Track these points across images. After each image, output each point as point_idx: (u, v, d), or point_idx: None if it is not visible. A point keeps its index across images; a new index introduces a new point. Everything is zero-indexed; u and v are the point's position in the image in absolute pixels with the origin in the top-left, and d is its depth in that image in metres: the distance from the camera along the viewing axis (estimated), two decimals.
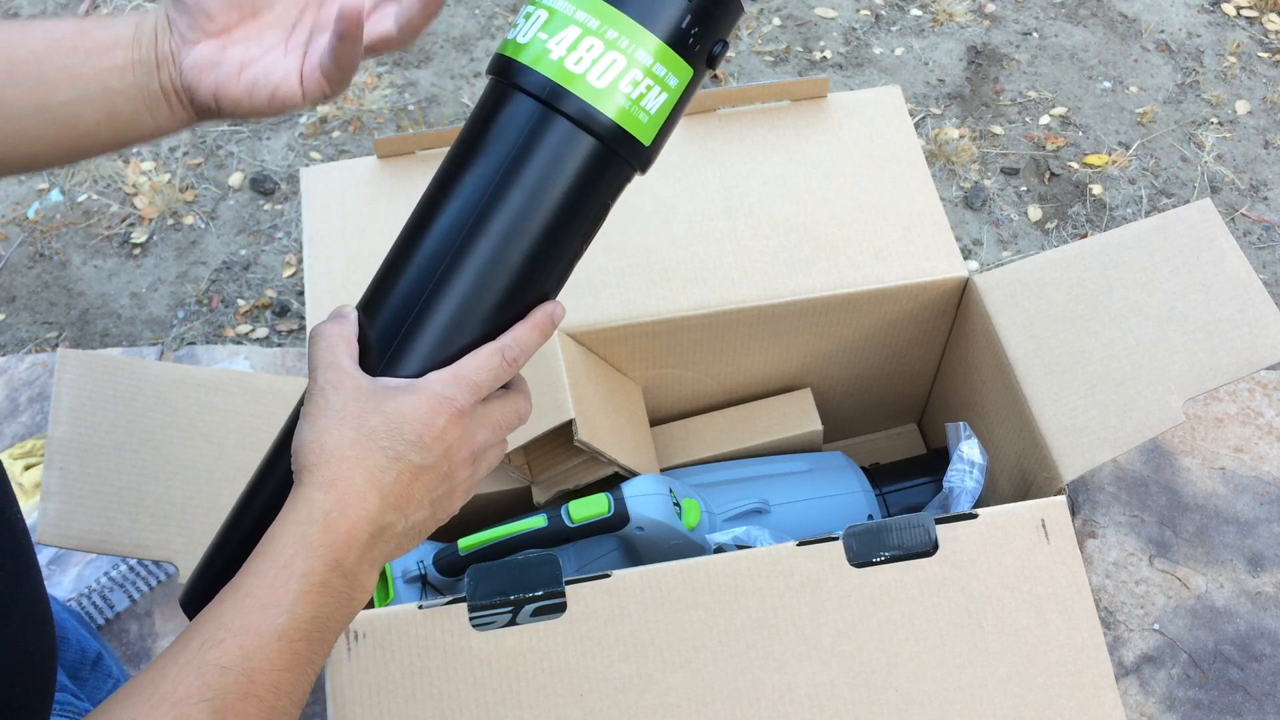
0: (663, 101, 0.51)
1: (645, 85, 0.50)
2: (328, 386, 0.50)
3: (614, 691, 0.66)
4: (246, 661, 0.44)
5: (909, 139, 0.98)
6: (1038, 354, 0.85)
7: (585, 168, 0.51)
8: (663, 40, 0.50)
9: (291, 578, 0.46)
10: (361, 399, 0.49)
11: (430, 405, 0.49)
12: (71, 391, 0.80)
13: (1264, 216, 1.68)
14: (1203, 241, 0.88)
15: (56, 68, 0.55)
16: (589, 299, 0.88)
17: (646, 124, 0.51)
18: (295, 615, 0.45)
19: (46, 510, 0.76)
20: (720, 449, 0.98)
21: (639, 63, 0.50)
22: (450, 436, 0.50)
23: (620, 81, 0.50)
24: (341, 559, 0.47)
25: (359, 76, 1.86)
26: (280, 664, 0.45)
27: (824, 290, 0.90)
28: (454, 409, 0.50)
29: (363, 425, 0.48)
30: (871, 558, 0.70)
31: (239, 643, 0.44)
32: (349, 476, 0.48)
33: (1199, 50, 1.91)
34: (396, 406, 0.49)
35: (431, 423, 0.49)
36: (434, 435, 0.49)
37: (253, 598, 0.45)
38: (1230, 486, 1.21)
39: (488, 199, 0.51)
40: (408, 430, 0.49)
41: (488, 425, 0.52)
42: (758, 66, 1.88)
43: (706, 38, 0.52)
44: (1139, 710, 1.08)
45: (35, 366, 1.36)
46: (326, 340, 0.52)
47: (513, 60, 0.51)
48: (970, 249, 1.64)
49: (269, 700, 0.44)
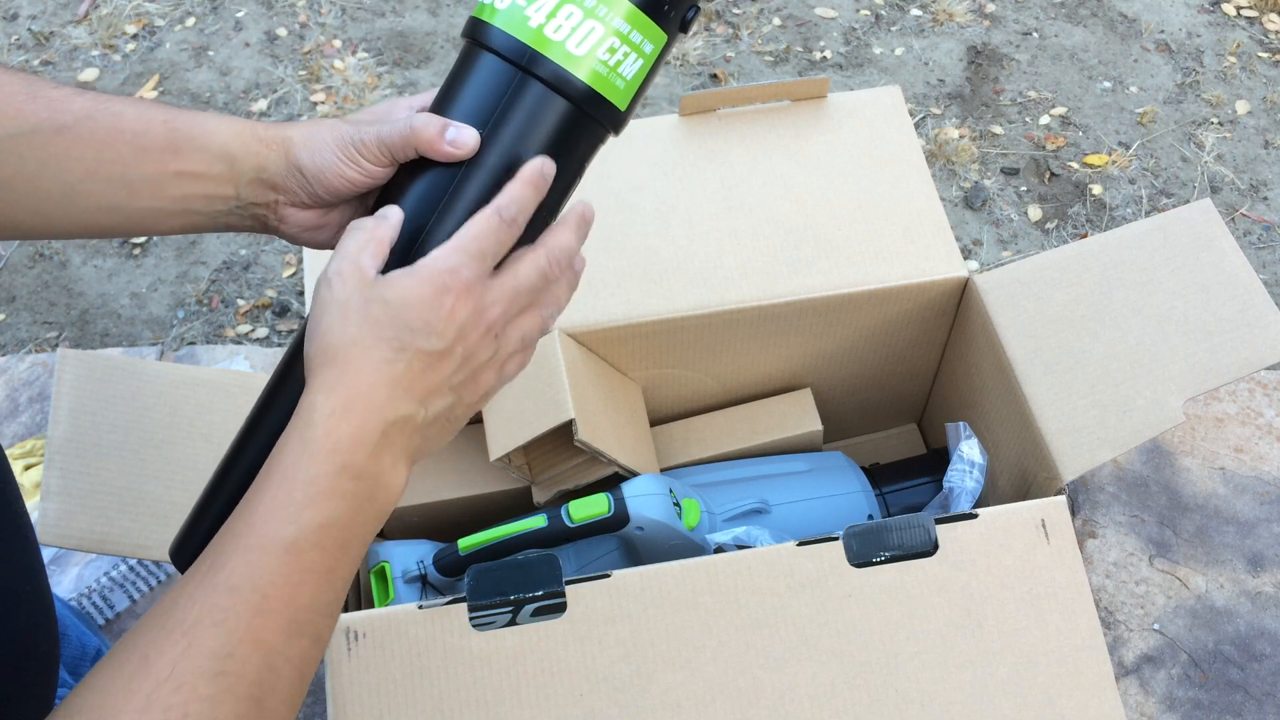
0: (638, 67, 0.52)
1: (623, 52, 0.51)
2: (335, 276, 0.48)
3: (614, 691, 0.66)
4: (255, 578, 0.42)
5: (909, 139, 0.98)
6: (1038, 354, 0.85)
7: (564, 132, 0.52)
8: (639, 7, 0.51)
9: (295, 487, 0.44)
10: (365, 289, 0.47)
11: (433, 285, 0.47)
12: (71, 391, 0.80)
13: (1264, 216, 1.68)
14: (1203, 241, 0.88)
15: (141, 176, 0.54)
16: (589, 299, 0.88)
17: (623, 89, 0.52)
18: (302, 524, 0.43)
19: (46, 510, 0.76)
20: (720, 449, 0.98)
21: (616, 30, 0.51)
22: (460, 315, 0.47)
23: (598, 49, 0.51)
24: (350, 461, 0.45)
25: (359, 76, 1.86)
26: (294, 576, 0.43)
27: (824, 290, 0.90)
28: (459, 284, 0.47)
29: (366, 317, 0.46)
30: (871, 558, 0.70)
31: (246, 560, 0.43)
32: (353, 375, 0.46)
33: (1199, 50, 1.91)
34: (398, 292, 0.47)
35: (437, 304, 0.47)
36: (442, 317, 0.47)
37: (257, 513, 0.44)
38: (1230, 486, 1.21)
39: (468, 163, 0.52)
40: (412, 316, 0.46)
41: (503, 297, 0.49)
42: (758, 66, 1.88)
43: (680, 2, 0.53)
44: (1139, 710, 1.08)
45: (35, 366, 1.35)
46: (357, 233, 0.49)
47: (490, 25, 0.51)
48: (970, 249, 1.64)
49: (287, 614, 0.43)
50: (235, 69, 1.87)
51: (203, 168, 0.54)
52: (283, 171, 0.55)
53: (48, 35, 1.92)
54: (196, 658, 0.40)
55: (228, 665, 0.41)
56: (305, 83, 1.85)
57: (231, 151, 0.55)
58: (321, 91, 1.83)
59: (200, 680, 0.40)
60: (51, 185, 0.53)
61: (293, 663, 0.43)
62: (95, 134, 0.53)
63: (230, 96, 1.83)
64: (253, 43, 1.91)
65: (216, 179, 0.55)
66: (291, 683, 0.43)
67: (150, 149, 0.54)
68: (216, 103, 1.81)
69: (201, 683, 0.40)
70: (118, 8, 1.95)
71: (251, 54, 1.89)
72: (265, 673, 0.42)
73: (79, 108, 0.53)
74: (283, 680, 0.43)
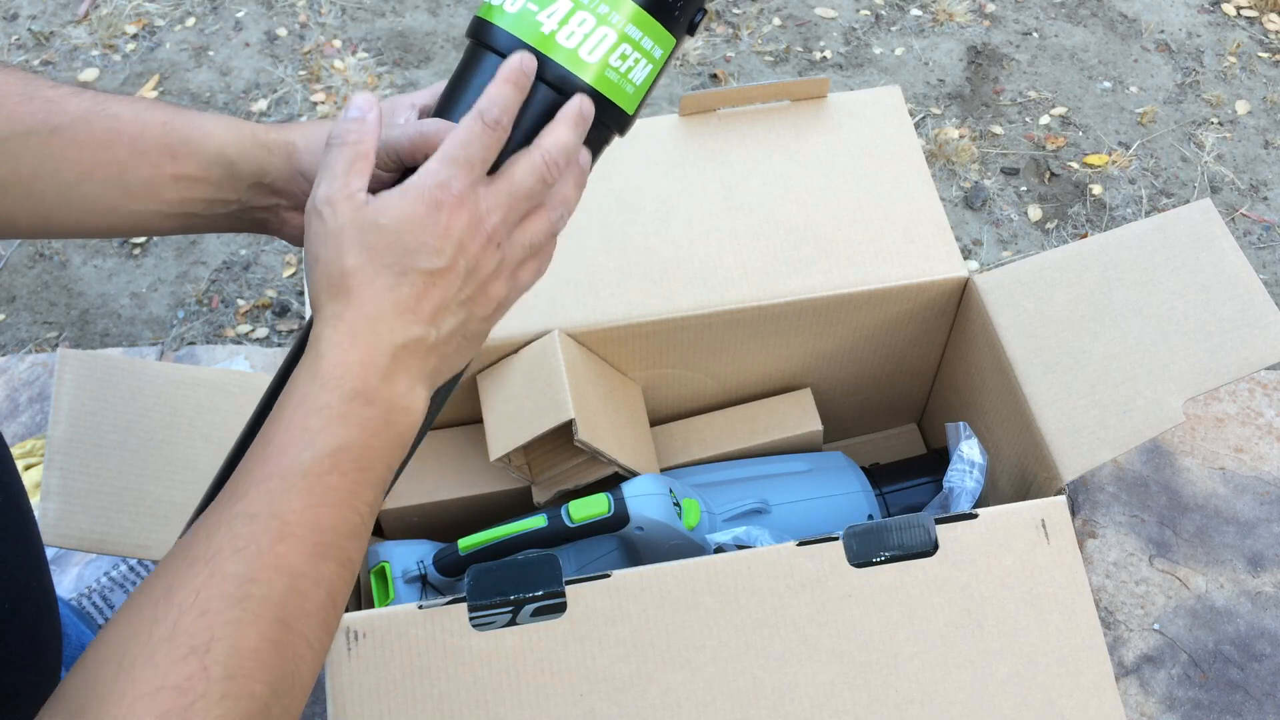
0: (648, 73, 0.53)
1: (634, 59, 0.52)
2: (325, 206, 0.47)
3: (614, 691, 0.66)
4: (274, 505, 0.42)
5: (909, 139, 0.98)
6: (1038, 354, 0.85)
7: None
8: (650, 13, 0.51)
9: (308, 415, 0.44)
10: (357, 216, 0.46)
11: (425, 202, 0.46)
12: (71, 391, 0.80)
13: (1264, 216, 1.68)
14: (1203, 241, 0.88)
15: (138, 179, 0.54)
16: (589, 299, 0.88)
17: (632, 95, 0.53)
18: (318, 449, 0.43)
19: (46, 510, 0.76)
20: (720, 449, 0.98)
21: (628, 36, 0.51)
22: (456, 229, 0.46)
23: (610, 56, 0.51)
24: (361, 387, 0.45)
25: (359, 77, 1.86)
26: (314, 500, 0.43)
27: (824, 290, 0.90)
28: (451, 197, 0.46)
29: (363, 245, 0.46)
30: (871, 558, 0.70)
31: (264, 489, 0.42)
32: (357, 304, 0.45)
33: (1199, 50, 1.91)
34: (392, 216, 0.46)
35: (432, 221, 0.46)
36: (438, 234, 0.46)
37: (272, 444, 0.44)
38: (1230, 486, 1.21)
39: None
40: (408, 238, 0.45)
41: (500, 204, 0.48)
42: (758, 66, 1.88)
43: (689, 7, 0.53)
44: (1139, 710, 1.08)
45: (35, 366, 1.35)
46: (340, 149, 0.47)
47: (499, 29, 0.51)
48: (970, 249, 1.64)
49: (310, 538, 0.42)
50: (235, 69, 1.87)
51: (200, 171, 0.54)
52: (285, 176, 0.55)
53: (48, 35, 1.92)
54: (219, 584, 0.40)
55: (251, 590, 0.40)
56: (305, 83, 1.85)
57: (230, 156, 0.54)
58: (321, 91, 1.83)
59: (224, 606, 0.40)
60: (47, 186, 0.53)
61: (321, 585, 0.43)
62: (91, 136, 0.53)
63: (230, 96, 1.83)
64: (253, 43, 1.91)
65: (215, 183, 0.54)
66: (321, 605, 0.43)
67: (147, 151, 0.53)
68: (216, 103, 1.81)
69: (226, 608, 0.40)
70: (118, 8, 1.95)
71: (251, 54, 1.89)
72: (291, 595, 0.42)
73: (75, 109, 0.53)
74: (311, 602, 0.42)
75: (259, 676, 0.40)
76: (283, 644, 0.41)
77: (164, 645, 0.38)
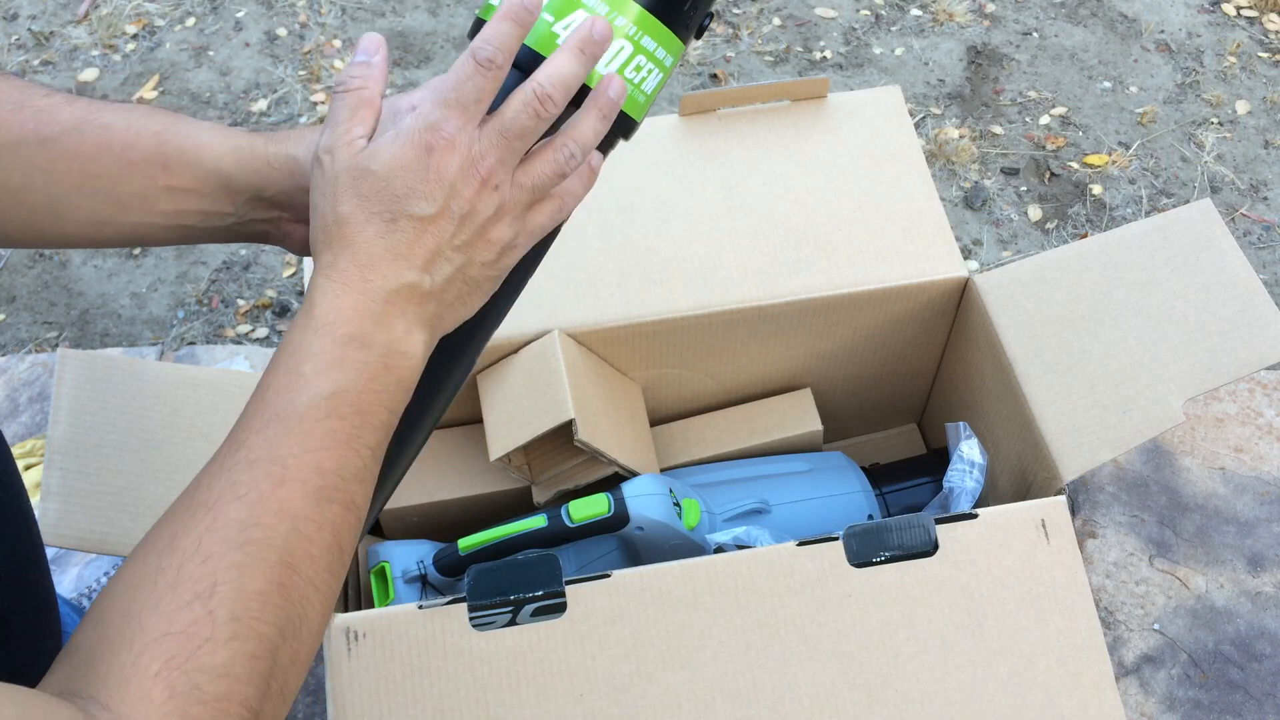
0: (658, 81, 0.53)
1: (647, 69, 0.51)
2: (324, 154, 0.46)
3: (614, 691, 0.66)
4: (273, 450, 0.42)
5: (909, 139, 0.98)
6: (1038, 354, 0.85)
7: None
8: (666, 24, 0.51)
9: (303, 361, 0.44)
10: (352, 163, 0.46)
11: (415, 146, 0.45)
12: (71, 391, 0.80)
13: (1264, 216, 1.68)
14: (1203, 241, 0.88)
15: (131, 192, 0.53)
16: (589, 299, 0.88)
17: (643, 103, 0.53)
18: (314, 393, 0.43)
19: (46, 510, 0.76)
20: (720, 449, 0.98)
21: (644, 48, 0.51)
22: (448, 172, 0.45)
23: (625, 68, 0.51)
24: (354, 332, 0.44)
25: None
26: (313, 444, 0.43)
27: (824, 290, 0.90)
28: (442, 140, 0.45)
29: (356, 193, 0.45)
30: (871, 558, 0.70)
31: (262, 436, 0.42)
32: (349, 254, 0.45)
33: (1199, 50, 1.91)
34: (383, 161, 0.45)
35: (422, 166, 0.45)
36: (429, 178, 0.45)
37: (269, 392, 0.43)
38: (1230, 486, 1.21)
39: None
40: (398, 184, 0.45)
41: (494, 145, 0.46)
42: (758, 66, 1.88)
43: (700, 10, 0.52)
44: (1139, 710, 1.08)
45: (35, 366, 1.35)
46: (345, 96, 0.47)
47: None
48: (970, 249, 1.63)
49: (312, 481, 0.42)
50: (235, 69, 1.87)
51: (194, 184, 0.53)
52: (287, 191, 0.54)
53: (48, 35, 1.92)
54: (221, 531, 0.40)
55: (253, 534, 0.40)
56: (305, 83, 1.85)
57: (225, 169, 0.53)
58: (321, 91, 1.83)
59: (226, 550, 0.40)
60: (38, 197, 0.52)
61: (325, 529, 0.43)
62: (82, 146, 0.52)
63: (230, 96, 1.83)
64: (253, 43, 1.91)
65: (210, 195, 0.53)
66: (326, 548, 0.43)
67: (139, 163, 0.52)
68: (216, 103, 1.81)
69: (228, 553, 0.40)
70: (118, 8, 1.95)
71: (251, 54, 1.89)
72: (294, 539, 0.41)
73: (66, 119, 0.52)
74: (316, 546, 0.42)
75: (265, 618, 0.40)
76: (288, 586, 0.41)
77: (169, 593, 0.39)
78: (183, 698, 0.37)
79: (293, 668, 0.42)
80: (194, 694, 0.37)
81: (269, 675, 0.40)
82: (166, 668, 0.37)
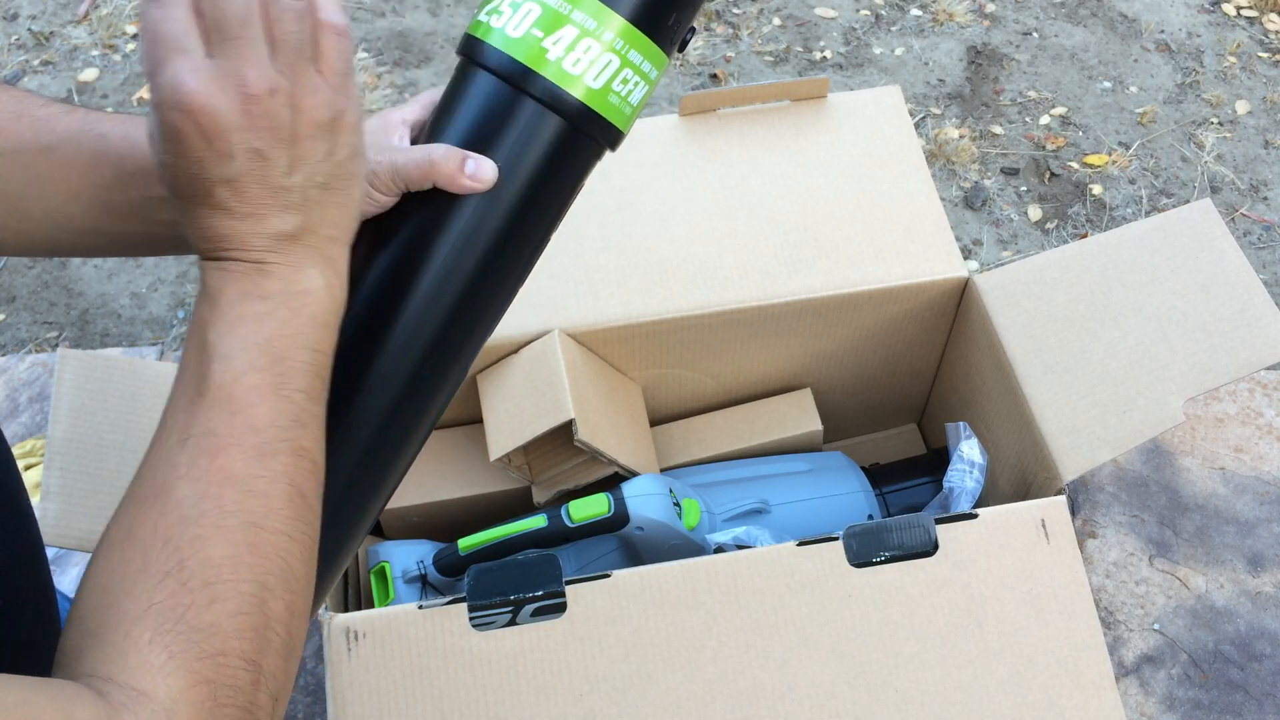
0: (644, 93, 0.54)
1: (634, 82, 0.53)
2: None
3: (614, 691, 0.66)
4: (202, 424, 0.42)
5: (909, 139, 0.98)
6: (1038, 354, 0.85)
7: (576, 159, 0.54)
8: (651, 39, 0.52)
9: (204, 331, 0.43)
10: None
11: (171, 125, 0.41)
12: (71, 391, 0.80)
13: (1264, 216, 1.68)
14: (1203, 241, 0.88)
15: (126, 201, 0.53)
16: (589, 299, 0.88)
17: (629, 115, 0.54)
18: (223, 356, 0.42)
19: (46, 510, 0.76)
20: (720, 449, 0.98)
21: (630, 62, 0.52)
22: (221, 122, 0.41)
23: (613, 81, 0.52)
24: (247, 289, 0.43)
25: (359, 76, 1.86)
26: (238, 405, 0.42)
27: (824, 290, 0.90)
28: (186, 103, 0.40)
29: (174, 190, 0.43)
30: (871, 558, 0.70)
31: (188, 414, 0.42)
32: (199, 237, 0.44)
33: (1199, 50, 1.91)
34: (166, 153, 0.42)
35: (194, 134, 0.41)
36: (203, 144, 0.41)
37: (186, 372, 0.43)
38: (1230, 486, 1.21)
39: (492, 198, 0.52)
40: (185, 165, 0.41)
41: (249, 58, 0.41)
42: (758, 66, 1.88)
43: (683, 25, 0.54)
44: (1139, 710, 1.08)
45: (35, 366, 1.35)
46: None
47: (503, 53, 0.51)
48: (970, 249, 1.63)
49: (248, 441, 0.42)
50: None
51: None
52: None
53: (48, 35, 1.92)
54: (173, 512, 0.41)
55: (204, 507, 0.41)
56: None
57: None
58: None
59: (184, 528, 0.40)
60: (34, 206, 0.52)
61: (278, 481, 0.43)
62: (79, 156, 0.52)
63: None
64: None
65: None
66: (286, 497, 0.43)
67: (135, 174, 0.52)
68: None
69: (186, 529, 0.40)
70: (118, 8, 1.95)
71: None
72: (248, 499, 0.42)
73: (64, 129, 0.52)
74: (274, 500, 0.42)
75: (242, 575, 0.40)
76: (256, 544, 0.41)
77: (139, 578, 0.39)
78: (182, 655, 0.38)
79: (292, 619, 0.42)
80: (191, 650, 0.38)
81: (263, 629, 0.40)
82: (157, 634, 0.38)
